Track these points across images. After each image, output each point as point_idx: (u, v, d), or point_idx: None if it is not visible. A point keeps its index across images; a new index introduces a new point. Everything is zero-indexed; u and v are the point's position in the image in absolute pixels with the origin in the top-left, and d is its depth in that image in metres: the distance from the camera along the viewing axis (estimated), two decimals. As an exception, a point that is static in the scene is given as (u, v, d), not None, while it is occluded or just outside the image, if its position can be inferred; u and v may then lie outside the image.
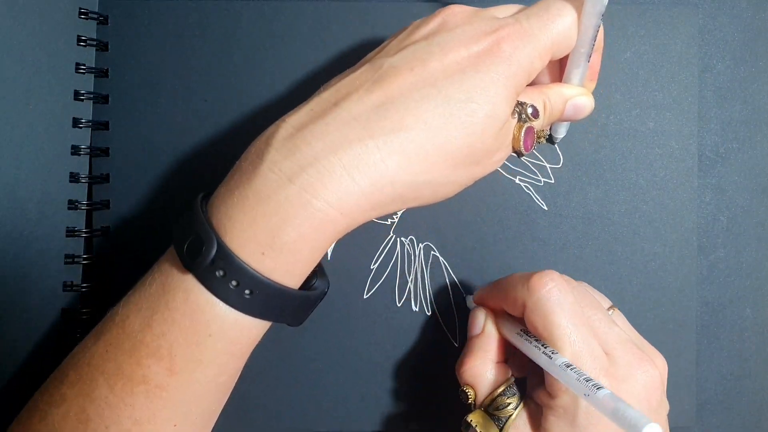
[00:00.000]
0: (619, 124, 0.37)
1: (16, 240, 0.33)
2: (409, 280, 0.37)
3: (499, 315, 0.33)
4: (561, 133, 0.36)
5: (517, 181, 0.37)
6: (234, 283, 0.25)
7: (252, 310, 0.26)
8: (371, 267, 0.37)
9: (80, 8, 0.36)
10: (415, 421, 0.37)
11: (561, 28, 0.28)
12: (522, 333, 0.30)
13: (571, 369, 0.27)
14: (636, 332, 0.32)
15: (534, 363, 0.29)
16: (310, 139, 0.25)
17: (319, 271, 0.30)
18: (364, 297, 0.37)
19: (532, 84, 0.30)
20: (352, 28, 0.37)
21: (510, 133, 0.28)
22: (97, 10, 0.37)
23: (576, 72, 0.30)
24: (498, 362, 0.32)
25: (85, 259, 0.36)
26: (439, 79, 0.26)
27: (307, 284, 0.29)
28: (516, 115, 0.28)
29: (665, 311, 0.37)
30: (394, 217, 0.37)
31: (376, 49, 0.29)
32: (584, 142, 0.37)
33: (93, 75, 0.37)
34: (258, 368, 0.36)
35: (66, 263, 0.35)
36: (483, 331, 0.32)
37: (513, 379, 0.31)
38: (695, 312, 0.37)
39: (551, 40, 0.28)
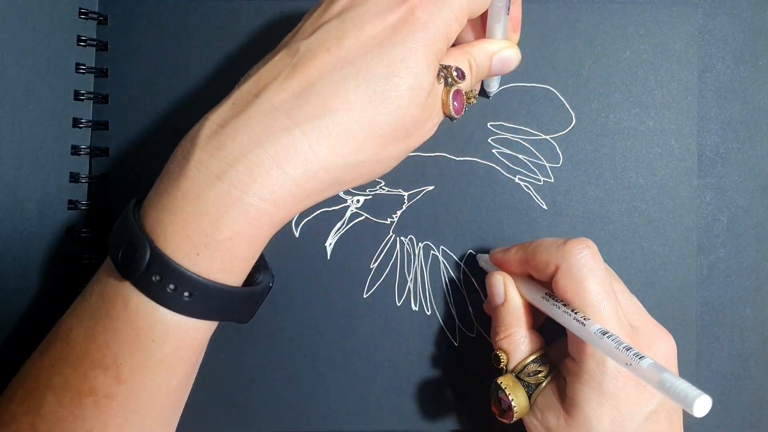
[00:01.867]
0: (619, 124, 0.37)
1: (16, 240, 0.33)
2: (409, 279, 0.37)
3: (518, 278, 0.32)
4: (493, 87, 0.36)
5: (516, 180, 0.37)
6: (172, 286, 0.25)
7: (193, 312, 0.26)
8: (371, 266, 0.37)
9: (80, 8, 0.36)
10: (416, 421, 0.37)
11: None
12: (547, 297, 0.30)
13: (608, 337, 0.26)
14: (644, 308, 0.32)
15: (557, 333, 0.28)
16: (234, 134, 0.25)
17: (262, 265, 0.29)
18: (364, 296, 0.37)
19: (455, 44, 0.30)
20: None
21: (438, 99, 0.28)
22: (97, 10, 0.37)
23: (497, 26, 0.30)
24: (530, 329, 0.31)
25: (85, 259, 0.36)
26: (357, 56, 0.25)
27: (250, 280, 0.28)
28: (442, 80, 0.28)
29: (665, 311, 0.37)
30: (394, 216, 0.37)
31: (292, 31, 0.29)
32: (584, 141, 0.37)
33: (93, 75, 0.37)
34: (257, 368, 0.36)
35: (66, 263, 0.36)
36: (507, 298, 0.32)
37: (546, 348, 0.31)
38: (695, 312, 0.37)
39: (465, 0, 0.27)
